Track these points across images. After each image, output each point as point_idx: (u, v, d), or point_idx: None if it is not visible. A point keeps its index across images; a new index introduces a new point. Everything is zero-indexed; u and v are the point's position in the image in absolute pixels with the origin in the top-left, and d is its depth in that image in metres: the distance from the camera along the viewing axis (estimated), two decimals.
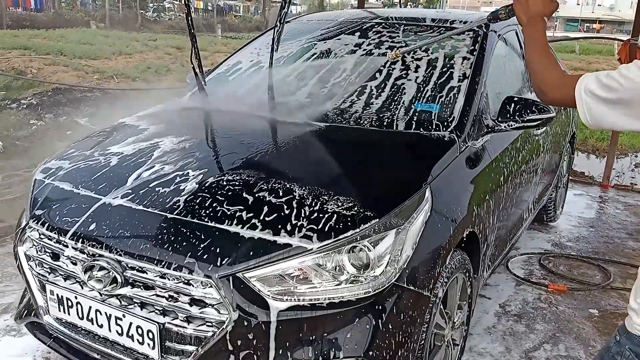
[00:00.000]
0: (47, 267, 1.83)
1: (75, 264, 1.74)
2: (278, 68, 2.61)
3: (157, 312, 1.61)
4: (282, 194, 1.69)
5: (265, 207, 1.64)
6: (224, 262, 1.53)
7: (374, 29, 2.73)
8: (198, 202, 1.70)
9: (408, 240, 1.62)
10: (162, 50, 12.16)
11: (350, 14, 3.06)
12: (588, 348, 2.47)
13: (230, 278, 1.51)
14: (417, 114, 2.20)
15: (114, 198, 1.79)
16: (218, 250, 1.55)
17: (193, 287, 1.55)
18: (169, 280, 1.58)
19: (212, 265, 1.52)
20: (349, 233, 1.55)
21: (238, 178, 1.78)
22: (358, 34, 2.73)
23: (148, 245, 1.61)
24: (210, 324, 1.54)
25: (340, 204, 1.62)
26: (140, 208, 1.72)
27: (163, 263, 1.57)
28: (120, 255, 1.63)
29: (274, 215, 1.61)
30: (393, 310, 1.56)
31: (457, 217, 1.85)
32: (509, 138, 2.47)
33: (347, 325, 1.53)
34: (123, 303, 1.65)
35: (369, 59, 2.54)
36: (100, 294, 1.67)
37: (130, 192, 1.79)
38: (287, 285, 1.53)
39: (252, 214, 1.62)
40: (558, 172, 3.69)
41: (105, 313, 1.68)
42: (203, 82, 2.48)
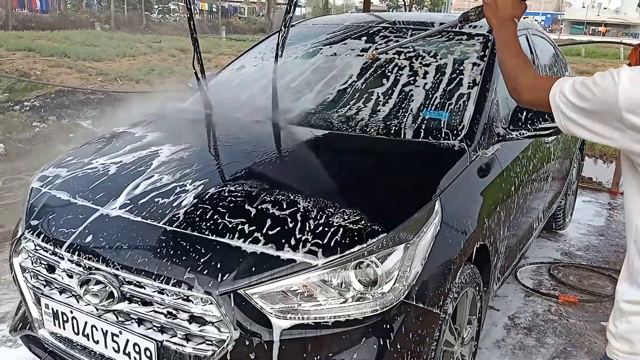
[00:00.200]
0: (42, 279, 1.77)
1: (71, 277, 1.68)
2: (282, 73, 2.55)
3: (155, 329, 1.55)
4: (285, 206, 1.62)
5: (268, 220, 1.58)
6: (225, 277, 1.46)
7: (381, 34, 2.66)
8: (198, 214, 1.63)
9: (417, 256, 1.55)
10: (166, 52, 12.12)
11: (357, 18, 3.00)
12: None
13: (232, 295, 1.45)
14: (425, 122, 2.13)
15: (112, 209, 1.72)
16: (219, 265, 1.48)
17: (192, 303, 1.48)
18: (168, 296, 1.51)
19: (212, 281, 1.46)
20: (356, 248, 1.48)
21: (240, 189, 1.72)
22: (365, 39, 2.66)
23: (146, 259, 1.55)
24: (210, 343, 1.48)
25: (347, 217, 1.56)
26: (139, 220, 1.66)
27: (161, 278, 1.50)
28: (117, 269, 1.57)
29: (277, 229, 1.54)
30: (402, 329, 1.49)
31: (467, 230, 1.78)
32: (520, 146, 2.39)
33: (353, 346, 1.46)
34: (120, 319, 1.59)
35: (376, 65, 2.47)
36: (97, 309, 1.61)
37: (129, 202, 1.73)
38: (290, 303, 1.46)
39: (254, 227, 1.56)
40: (568, 179, 3.61)
41: (102, 329, 1.62)
42: (205, 87, 2.42)
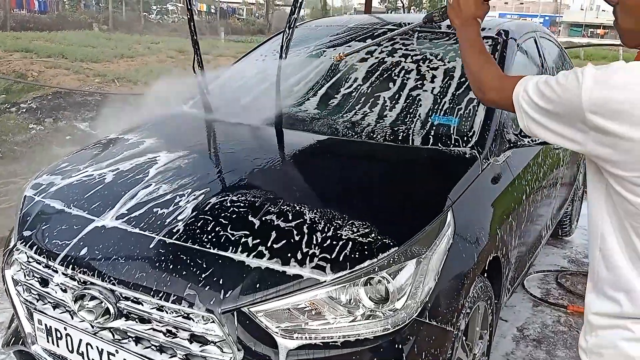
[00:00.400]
0: (35, 293, 1.69)
1: (65, 292, 1.60)
2: (285, 76, 2.48)
3: (153, 348, 1.47)
4: (291, 218, 1.54)
5: (273, 232, 1.50)
6: (228, 294, 1.38)
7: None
8: (199, 225, 1.55)
9: (430, 271, 1.47)
10: (164, 54, 12.01)
11: (361, 20, 2.92)
12: None
13: (235, 313, 1.37)
14: (434, 128, 2.06)
15: (108, 219, 1.64)
16: (221, 281, 1.41)
17: (193, 321, 1.40)
18: (167, 314, 1.43)
19: (214, 298, 1.38)
20: (366, 263, 1.40)
21: (243, 199, 1.64)
22: (369, 41, 2.58)
23: (144, 274, 1.47)
24: None
25: (356, 230, 1.48)
26: (137, 231, 1.58)
27: (160, 294, 1.42)
28: (114, 284, 1.49)
29: (283, 242, 1.46)
30: (414, 349, 1.41)
31: (480, 242, 1.71)
32: (531, 153, 2.32)
33: None
34: (116, 337, 1.51)
35: (382, 68, 2.40)
36: (92, 326, 1.53)
37: (126, 213, 1.65)
38: (297, 322, 1.38)
39: (258, 240, 1.48)
40: (575, 184, 3.54)
41: (97, 347, 1.53)
42: (205, 90, 2.34)
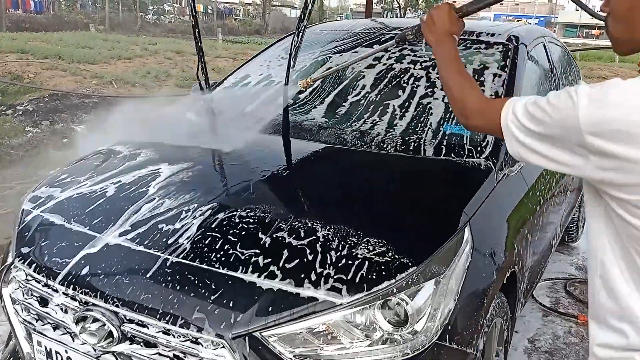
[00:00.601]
0: (34, 313, 1.62)
1: (66, 312, 1.53)
2: (291, 83, 2.40)
3: None
4: (303, 235, 1.47)
5: (285, 251, 1.43)
6: (239, 318, 1.31)
7: (402, 43, 2.51)
8: (207, 243, 1.48)
9: (450, 291, 1.41)
10: (162, 55, 11.91)
11: (367, 25, 2.86)
12: None
13: (247, 338, 1.30)
14: (446, 138, 2.00)
15: (111, 236, 1.57)
16: (231, 304, 1.34)
17: (202, 346, 1.33)
18: (174, 338, 1.36)
19: (224, 322, 1.31)
20: (384, 285, 1.33)
21: (252, 214, 1.57)
22: (376, 47, 2.52)
23: (149, 295, 1.40)
24: None
25: (372, 249, 1.41)
26: (141, 249, 1.51)
27: (167, 318, 1.35)
28: (117, 306, 1.42)
29: (295, 262, 1.40)
30: None
31: (498, 258, 1.64)
32: None
33: None
34: None
35: (390, 75, 2.33)
36: (94, 350, 1.46)
37: (130, 229, 1.58)
38: (311, 346, 1.31)
39: (269, 260, 1.41)
40: (582, 189, 3.48)
41: None
42: (210, 100, 2.27)
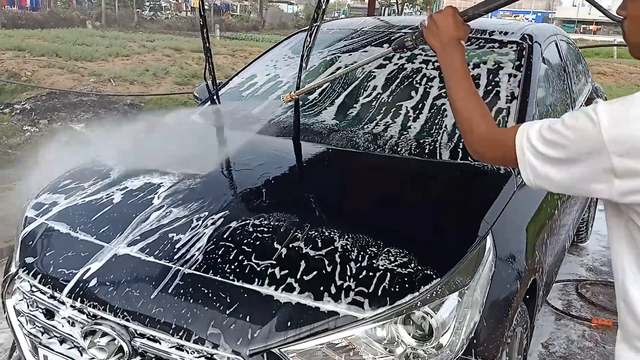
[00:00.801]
0: (39, 326, 1.55)
1: (73, 326, 1.47)
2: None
3: None
4: (320, 245, 1.42)
5: (302, 262, 1.37)
6: (257, 334, 1.25)
7: (400, 51, 2.45)
8: (220, 253, 1.42)
9: (474, 303, 1.35)
10: (160, 52, 11.79)
11: (374, 23, 2.79)
12: None
13: (265, 354, 1.24)
14: (462, 141, 1.93)
15: (120, 246, 1.51)
16: (248, 318, 1.28)
17: None
18: (188, 354, 1.30)
19: (241, 338, 1.25)
20: (407, 298, 1.28)
21: (266, 223, 1.51)
22: (387, 46, 2.45)
23: (161, 309, 1.34)
24: None
25: (393, 260, 1.35)
26: (151, 260, 1.45)
27: (181, 333, 1.29)
28: (128, 320, 1.36)
29: (314, 274, 1.34)
30: None
31: (521, 266, 1.59)
32: None
33: None
34: None
35: (402, 75, 2.27)
36: None
37: (139, 239, 1.52)
38: None
39: (286, 271, 1.35)
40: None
41: None
42: (217, 100, 2.20)
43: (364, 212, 1.61)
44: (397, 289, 1.29)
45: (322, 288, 1.30)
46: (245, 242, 1.45)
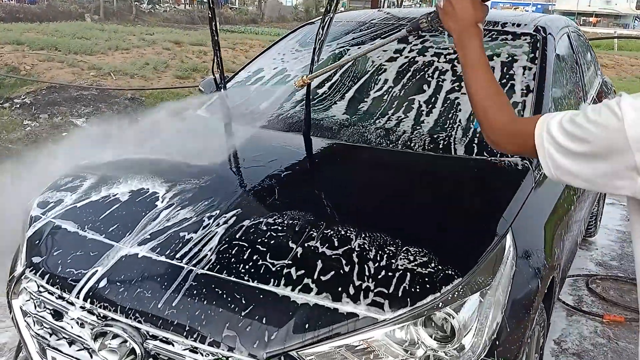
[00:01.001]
0: (47, 327, 1.52)
1: (83, 327, 1.43)
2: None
3: None
4: (337, 244, 1.37)
5: (319, 261, 1.33)
6: (273, 336, 1.22)
7: (414, 33, 2.40)
8: (234, 253, 1.38)
9: (496, 303, 1.32)
10: (159, 45, 11.70)
11: (381, 16, 2.73)
12: None
13: (282, 357, 1.21)
14: (477, 136, 1.89)
15: (130, 245, 1.47)
16: (264, 320, 1.24)
17: None
18: (202, 356, 1.27)
19: (258, 341, 1.21)
20: (429, 299, 1.24)
21: (280, 221, 1.47)
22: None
23: (174, 311, 1.30)
24: None
25: (413, 259, 1.32)
26: (163, 260, 1.41)
27: (195, 335, 1.26)
28: (140, 322, 1.32)
29: (331, 274, 1.30)
30: None
31: (541, 264, 1.55)
32: None
33: None
34: None
35: (414, 69, 2.22)
36: None
37: (149, 238, 1.48)
38: None
39: (303, 272, 1.31)
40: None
41: None
42: (225, 96, 2.15)
43: (380, 209, 1.57)
44: (417, 290, 1.25)
45: (340, 289, 1.26)
46: (259, 241, 1.41)
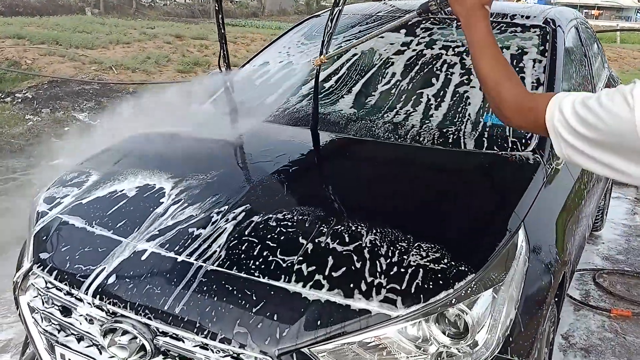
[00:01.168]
0: (56, 323, 1.51)
1: (92, 323, 1.42)
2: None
3: None
4: (348, 240, 1.36)
5: (330, 257, 1.32)
6: (285, 333, 1.20)
7: (422, 25, 2.38)
8: (243, 249, 1.37)
9: (510, 299, 1.30)
10: (161, 39, 11.65)
11: (390, 8, 2.70)
12: None
13: (294, 354, 1.19)
14: (487, 130, 1.87)
15: (138, 241, 1.46)
16: (275, 317, 1.23)
17: None
18: (213, 353, 1.26)
19: (269, 338, 1.20)
20: (442, 295, 1.22)
21: (290, 217, 1.45)
22: (404, 31, 2.38)
23: (185, 307, 1.29)
24: None
25: (425, 255, 1.30)
26: (172, 255, 1.39)
27: (205, 332, 1.24)
28: (149, 318, 1.31)
29: (342, 270, 1.28)
30: None
31: (553, 259, 1.53)
32: None
33: None
34: None
35: (422, 62, 2.20)
36: None
37: (157, 234, 1.46)
38: None
39: (314, 268, 1.30)
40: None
41: None
42: (231, 89, 2.13)
43: (390, 205, 1.55)
44: (430, 286, 1.23)
45: (352, 285, 1.25)
46: (269, 237, 1.39)
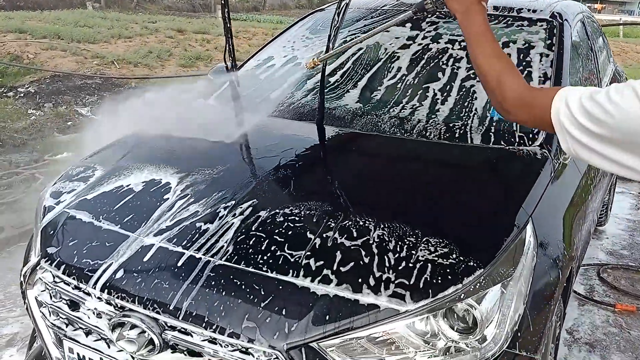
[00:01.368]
0: (64, 317, 1.51)
1: (100, 317, 1.43)
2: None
3: None
4: (356, 235, 1.36)
5: (338, 252, 1.32)
6: (294, 327, 1.20)
7: (428, 20, 2.37)
8: (251, 244, 1.37)
9: (518, 294, 1.30)
10: (162, 33, 11.61)
11: (395, 2, 2.69)
12: None
13: (303, 349, 1.20)
14: (494, 124, 1.86)
15: (145, 236, 1.46)
16: (284, 312, 1.23)
17: (253, 357, 1.23)
18: (222, 347, 1.26)
19: (278, 332, 1.20)
20: (450, 290, 1.22)
21: (297, 212, 1.45)
22: (410, 25, 2.37)
23: (193, 302, 1.29)
24: None
25: (433, 250, 1.30)
26: (179, 250, 1.40)
27: (214, 326, 1.25)
28: (158, 313, 1.31)
29: (351, 265, 1.28)
30: None
31: (561, 254, 1.53)
32: None
33: None
34: None
35: (427, 56, 2.19)
36: (133, 358, 1.36)
37: (165, 228, 1.46)
38: (371, 357, 1.21)
39: (322, 262, 1.30)
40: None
41: None
42: (236, 84, 2.12)
43: (398, 199, 1.55)
44: (439, 281, 1.23)
45: (360, 280, 1.25)
46: (277, 231, 1.39)
